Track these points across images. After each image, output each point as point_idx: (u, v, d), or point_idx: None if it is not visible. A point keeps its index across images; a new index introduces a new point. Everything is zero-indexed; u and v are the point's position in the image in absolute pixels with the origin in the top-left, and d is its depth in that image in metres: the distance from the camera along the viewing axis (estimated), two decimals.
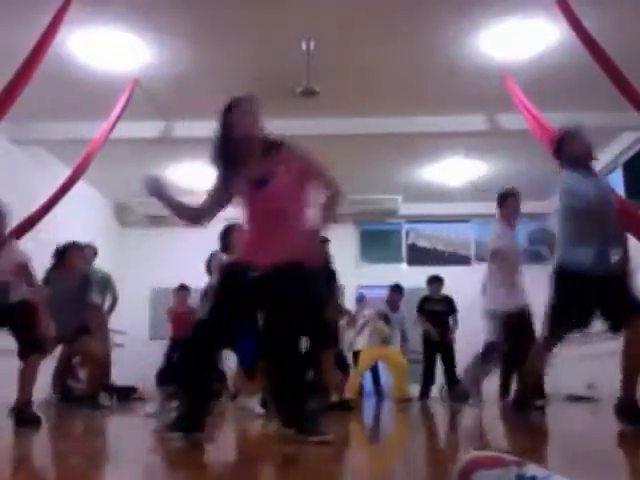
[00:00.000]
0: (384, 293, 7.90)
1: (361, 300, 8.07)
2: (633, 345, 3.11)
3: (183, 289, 8.10)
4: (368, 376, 8.06)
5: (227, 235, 4.84)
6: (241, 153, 2.83)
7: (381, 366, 7.91)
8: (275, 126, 7.83)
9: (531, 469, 1.19)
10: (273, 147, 2.87)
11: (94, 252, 6.71)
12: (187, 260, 6.44)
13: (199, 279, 8.13)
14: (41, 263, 3.91)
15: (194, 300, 8.28)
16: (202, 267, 7.47)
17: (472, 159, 8.38)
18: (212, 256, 5.25)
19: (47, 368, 7.35)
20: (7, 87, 4.77)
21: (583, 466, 2.06)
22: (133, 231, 10.06)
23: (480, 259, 10.32)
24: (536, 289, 7.50)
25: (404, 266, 10.28)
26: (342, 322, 7.20)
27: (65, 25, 4.94)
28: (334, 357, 5.31)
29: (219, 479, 1.92)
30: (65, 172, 6.65)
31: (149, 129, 7.17)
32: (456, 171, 8.78)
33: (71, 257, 5.72)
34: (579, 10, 4.70)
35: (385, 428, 4.16)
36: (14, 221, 5.83)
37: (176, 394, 2.85)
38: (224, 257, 4.79)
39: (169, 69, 6.17)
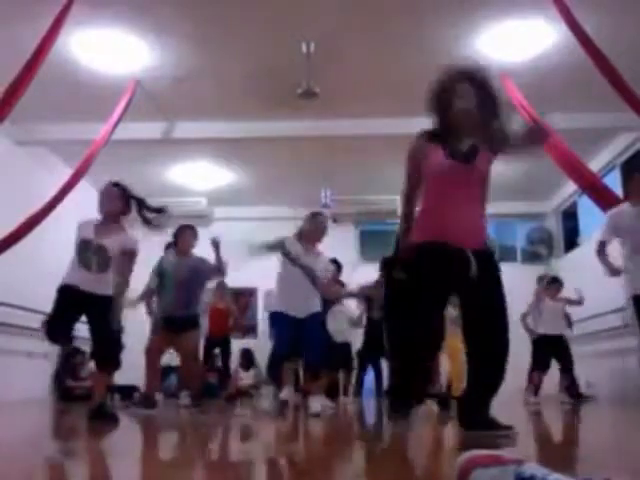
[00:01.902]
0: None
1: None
2: None
3: (221, 285, 8.03)
4: (370, 374, 8.07)
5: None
6: (456, 134, 2.72)
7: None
8: (276, 127, 7.91)
9: (529, 468, 1.19)
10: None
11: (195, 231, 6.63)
12: None
13: None
14: (45, 261, 3.91)
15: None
16: None
17: None
18: None
19: (46, 368, 7.43)
20: (9, 88, 4.81)
21: (582, 464, 2.10)
22: (135, 231, 10.07)
23: None
24: (534, 288, 7.56)
25: None
26: None
27: (67, 27, 4.97)
28: None
29: (219, 479, 1.95)
30: (67, 172, 6.68)
31: (150, 130, 7.19)
32: None
33: (184, 239, 5.66)
34: (576, 13, 4.73)
35: None
36: (15, 222, 5.90)
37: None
38: None
39: (170, 70, 6.20)
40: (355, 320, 7.79)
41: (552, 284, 7.23)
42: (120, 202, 3.97)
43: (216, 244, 5.59)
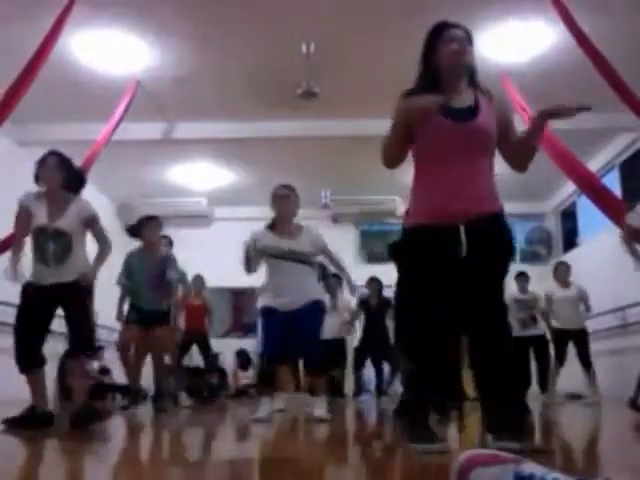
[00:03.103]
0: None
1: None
2: None
3: (198, 279, 7.82)
4: (371, 373, 8.09)
5: None
6: (447, 83, 2.45)
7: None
8: (276, 127, 7.92)
9: (529, 467, 1.20)
10: (477, 83, 2.50)
11: (169, 242, 6.35)
12: (189, 260, 6.47)
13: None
14: None
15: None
16: (203, 267, 7.49)
17: None
18: None
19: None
20: (11, 89, 4.82)
21: (581, 463, 2.11)
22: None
23: None
24: (533, 289, 7.56)
25: None
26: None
27: (67, 28, 4.98)
28: None
29: (218, 478, 1.96)
30: None
31: (151, 130, 7.21)
32: None
33: (150, 232, 5.46)
34: (575, 13, 4.75)
35: None
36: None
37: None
38: None
39: (171, 71, 6.22)
40: (353, 315, 7.81)
41: (558, 268, 7.01)
42: (61, 173, 3.65)
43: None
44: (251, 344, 9.64)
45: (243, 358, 9.47)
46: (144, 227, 5.51)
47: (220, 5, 5.23)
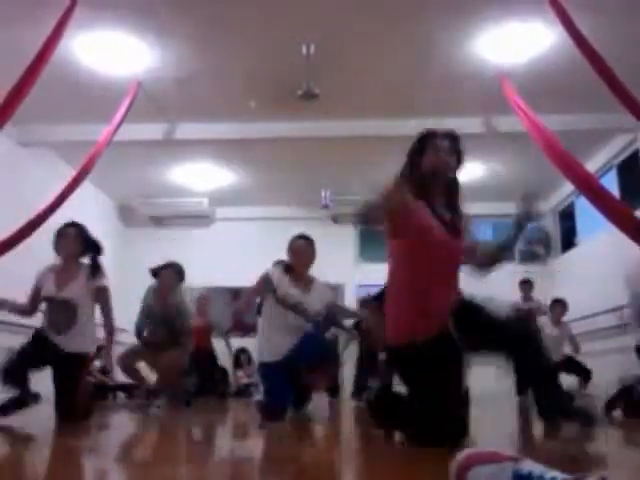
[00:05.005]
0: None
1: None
2: None
3: (203, 298, 7.70)
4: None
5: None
6: (430, 187, 2.58)
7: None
8: (276, 128, 7.93)
9: (527, 465, 1.23)
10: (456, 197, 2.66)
11: (179, 272, 5.76)
12: (189, 260, 6.49)
13: (200, 279, 8.23)
14: (48, 261, 3.92)
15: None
16: (203, 267, 7.47)
17: (470, 161, 8.45)
18: None
19: None
20: (13, 90, 4.83)
21: (578, 462, 2.14)
22: (137, 231, 10.14)
23: None
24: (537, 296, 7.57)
25: None
26: None
27: (69, 29, 5.00)
28: None
29: (219, 477, 1.98)
30: (70, 173, 6.68)
31: (152, 131, 7.23)
32: None
33: (163, 281, 5.50)
34: (573, 14, 4.78)
35: None
36: (17, 222, 5.93)
37: None
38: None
39: (171, 72, 6.24)
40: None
41: (555, 305, 6.97)
42: (77, 244, 3.83)
43: None
44: (251, 343, 9.66)
45: (243, 356, 9.48)
46: (162, 273, 5.55)
47: (220, 6, 5.26)
